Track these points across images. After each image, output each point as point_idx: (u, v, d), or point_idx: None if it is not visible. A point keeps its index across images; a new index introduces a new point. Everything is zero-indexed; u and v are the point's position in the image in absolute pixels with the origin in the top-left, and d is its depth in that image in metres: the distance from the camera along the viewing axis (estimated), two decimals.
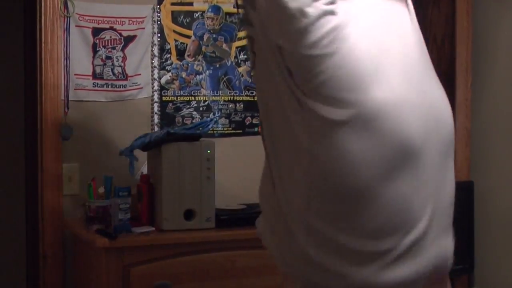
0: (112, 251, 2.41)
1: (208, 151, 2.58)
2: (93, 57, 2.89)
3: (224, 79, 3.11)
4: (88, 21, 2.87)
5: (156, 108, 3.01)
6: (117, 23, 2.92)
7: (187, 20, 3.06)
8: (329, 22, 1.44)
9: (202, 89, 3.08)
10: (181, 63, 3.04)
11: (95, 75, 2.90)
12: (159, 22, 3.00)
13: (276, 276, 2.14)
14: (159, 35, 3.01)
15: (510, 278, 2.92)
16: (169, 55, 3.02)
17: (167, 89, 3.03)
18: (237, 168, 3.02)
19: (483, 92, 3.02)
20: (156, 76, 3.01)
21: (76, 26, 2.85)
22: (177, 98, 3.04)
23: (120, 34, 2.93)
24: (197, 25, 3.07)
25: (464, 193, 2.94)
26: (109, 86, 2.93)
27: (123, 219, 2.53)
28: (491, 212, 2.99)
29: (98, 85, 2.91)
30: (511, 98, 2.93)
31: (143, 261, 2.44)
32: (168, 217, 2.53)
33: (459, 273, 2.96)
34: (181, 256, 2.49)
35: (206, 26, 3.09)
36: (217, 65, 3.10)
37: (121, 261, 2.42)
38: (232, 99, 3.13)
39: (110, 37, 2.91)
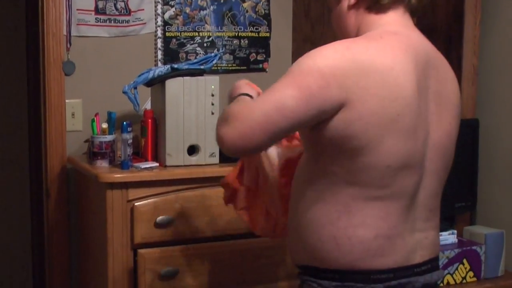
0: (116, 186, 2.42)
1: (212, 87, 2.56)
2: None
3: (229, 14, 3.07)
4: None
5: (159, 44, 2.98)
6: None
7: None
8: None
9: (206, 25, 3.04)
10: None
11: (97, 10, 2.87)
12: None
13: None
14: None
15: None
16: None
17: (171, 25, 2.99)
18: None
19: (492, 29, 2.98)
20: (159, 11, 2.97)
21: None
22: (180, 34, 3.00)
23: None
24: None
25: (469, 131, 2.93)
26: (112, 22, 2.89)
27: (129, 154, 2.52)
28: (495, 150, 2.98)
29: (101, 20, 2.88)
30: None
31: (147, 196, 2.45)
32: (171, 152, 2.53)
33: (462, 210, 2.97)
34: (185, 192, 2.49)
35: None
36: (222, 0, 3.06)
37: (125, 196, 2.43)
38: (236, 35, 3.10)
39: None
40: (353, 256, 1.62)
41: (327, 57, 1.57)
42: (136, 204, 2.43)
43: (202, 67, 2.61)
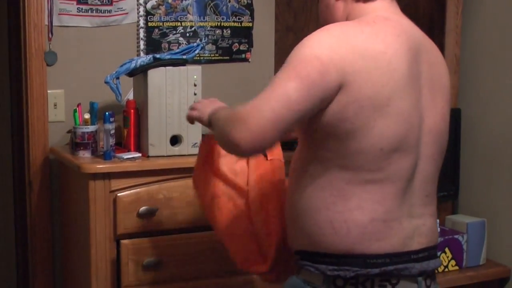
0: (98, 176, 2.41)
1: (195, 77, 2.56)
2: None
3: (211, 4, 3.06)
4: None
5: (141, 34, 2.96)
6: None
7: None
8: None
9: (188, 15, 3.03)
10: None
11: (79, 0, 2.85)
12: None
13: None
14: None
15: (493, 205, 2.95)
16: None
17: (153, 15, 2.98)
18: (224, 94, 3.00)
19: (474, 19, 2.99)
20: (141, 1, 2.95)
21: None
22: (163, 24, 2.99)
23: None
24: None
25: (451, 121, 2.92)
26: (94, 11, 2.88)
27: (111, 144, 2.51)
28: (477, 140, 3.00)
29: (83, 10, 2.86)
30: (502, 26, 2.90)
31: (130, 186, 2.44)
32: (154, 143, 2.53)
33: (444, 199, 2.99)
34: (168, 182, 2.49)
35: None
36: None
37: (108, 187, 2.42)
38: (219, 25, 3.09)
39: None
40: (349, 240, 1.64)
41: (324, 43, 1.59)
42: (118, 194, 2.42)
43: (184, 57, 2.61)
